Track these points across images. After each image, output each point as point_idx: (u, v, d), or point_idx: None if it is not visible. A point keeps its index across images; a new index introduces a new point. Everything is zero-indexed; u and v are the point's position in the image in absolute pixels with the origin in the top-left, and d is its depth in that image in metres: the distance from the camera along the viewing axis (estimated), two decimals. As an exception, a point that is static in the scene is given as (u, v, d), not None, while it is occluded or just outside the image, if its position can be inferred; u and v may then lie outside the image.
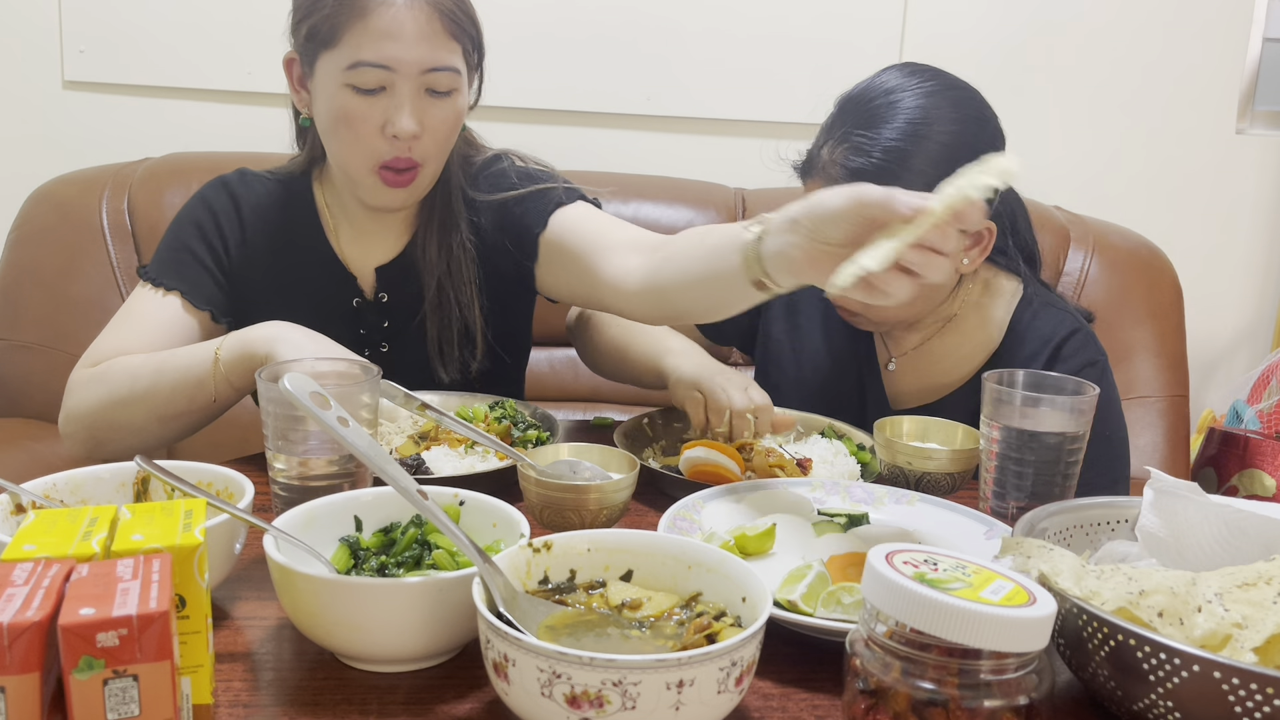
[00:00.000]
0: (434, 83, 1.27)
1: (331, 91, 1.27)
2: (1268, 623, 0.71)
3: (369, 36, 1.23)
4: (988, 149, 1.29)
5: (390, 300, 1.44)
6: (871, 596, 0.68)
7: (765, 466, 1.22)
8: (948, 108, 1.26)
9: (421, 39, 1.24)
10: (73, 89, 2.31)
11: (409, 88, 1.26)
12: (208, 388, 1.21)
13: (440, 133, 1.31)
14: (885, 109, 1.25)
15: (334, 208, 1.44)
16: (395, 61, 1.24)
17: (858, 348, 1.49)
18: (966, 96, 1.29)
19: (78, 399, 1.26)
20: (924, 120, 1.24)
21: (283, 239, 1.42)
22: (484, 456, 1.21)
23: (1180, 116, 2.54)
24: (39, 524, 0.70)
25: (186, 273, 1.36)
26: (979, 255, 1.34)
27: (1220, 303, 2.66)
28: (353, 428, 0.83)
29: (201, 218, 1.40)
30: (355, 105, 1.26)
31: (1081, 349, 1.38)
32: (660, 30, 2.38)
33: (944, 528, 1.07)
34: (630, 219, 2.16)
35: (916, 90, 1.26)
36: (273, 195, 1.44)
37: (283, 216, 1.43)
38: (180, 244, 1.39)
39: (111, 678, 0.56)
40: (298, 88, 1.35)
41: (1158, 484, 0.92)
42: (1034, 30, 2.47)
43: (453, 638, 0.79)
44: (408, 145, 1.28)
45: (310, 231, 1.44)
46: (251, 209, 1.42)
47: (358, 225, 1.44)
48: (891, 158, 1.23)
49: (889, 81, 1.28)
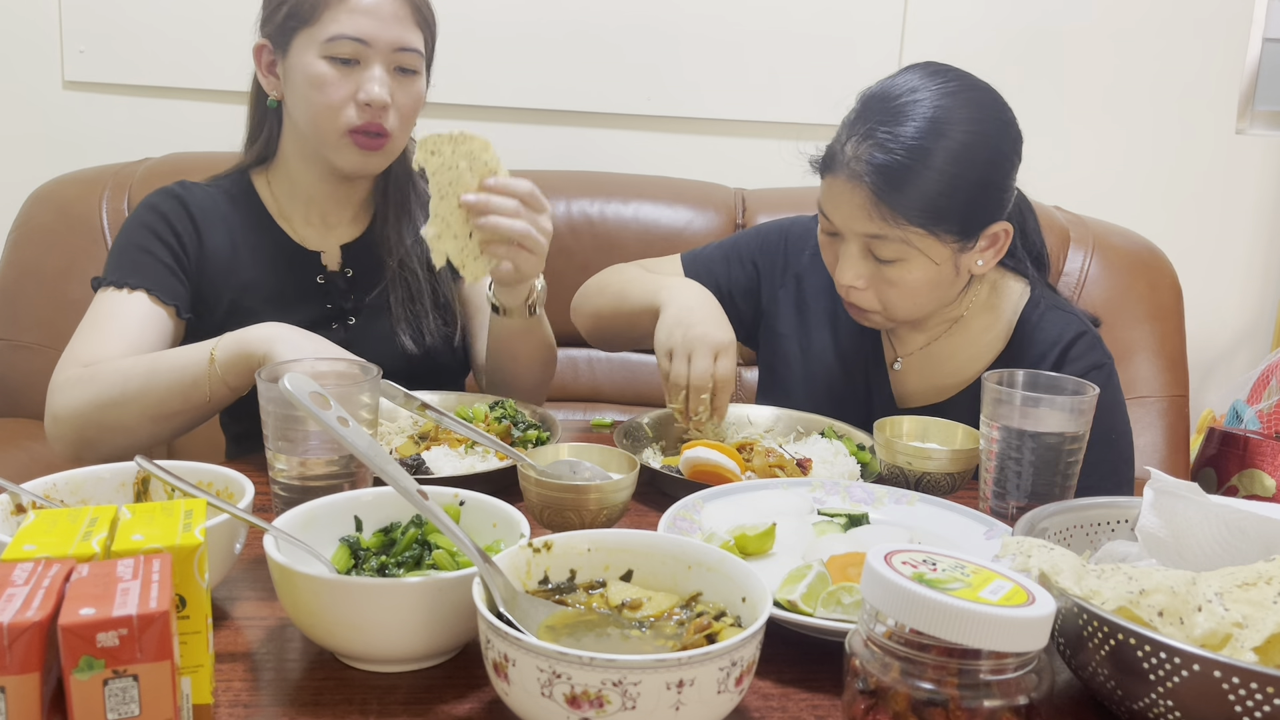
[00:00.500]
0: (403, 61, 1.39)
1: (308, 62, 1.36)
2: (1268, 622, 0.71)
3: (347, 12, 1.35)
4: (1009, 149, 1.29)
5: (355, 275, 1.51)
6: (871, 597, 0.68)
7: (765, 466, 1.22)
8: (970, 108, 1.26)
9: (395, 20, 1.37)
10: (73, 89, 2.31)
11: (381, 61, 1.37)
12: (202, 388, 1.22)
13: (406, 108, 1.41)
14: (909, 106, 1.25)
15: (284, 198, 1.51)
16: (370, 37, 1.35)
17: (864, 347, 1.49)
18: (989, 98, 1.30)
19: (64, 401, 1.27)
20: (947, 118, 1.24)
21: (236, 233, 1.46)
22: (484, 456, 1.21)
23: (1180, 116, 2.55)
24: (39, 524, 0.70)
25: (147, 271, 1.38)
26: (994, 256, 1.33)
27: (1220, 303, 2.66)
28: (353, 428, 0.83)
29: (152, 221, 1.43)
30: (330, 74, 1.36)
31: (1089, 351, 1.38)
32: (660, 30, 2.39)
33: (944, 528, 1.07)
34: (630, 219, 2.19)
35: (939, 89, 1.26)
36: (216, 198, 1.48)
37: (232, 214, 1.47)
38: (135, 246, 1.41)
39: (111, 678, 0.56)
40: (266, 73, 1.44)
41: (1158, 484, 0.92)
42: (1034, 31, 2.47)
43: (453, 638, 0.79)
44: (377, 114, 1.37)
45: (262, 223, 1.49)
46: (199, 209, 1.45)
47: (315, 207, 1.50)
48: (915, 155, 1.23)
49: (911, 80, 1.28)
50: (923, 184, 1.23)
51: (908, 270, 1.28)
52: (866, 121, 1.27)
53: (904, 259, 1.28)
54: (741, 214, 2.19)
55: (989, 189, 1.28)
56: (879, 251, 1.28)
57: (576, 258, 2.10)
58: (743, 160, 2.44)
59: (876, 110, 1.27)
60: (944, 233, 1.26)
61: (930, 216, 1.24)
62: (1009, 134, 1.29)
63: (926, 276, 1.29)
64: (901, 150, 1.23)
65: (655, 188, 2.21)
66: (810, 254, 1.52)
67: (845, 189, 1.27)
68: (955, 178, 1.24)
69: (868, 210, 1.25)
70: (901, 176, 1.23)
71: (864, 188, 1.24)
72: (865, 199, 1.25)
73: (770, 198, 2.21)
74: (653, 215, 2.15)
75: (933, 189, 1.23)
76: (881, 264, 1.29)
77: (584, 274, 2.09)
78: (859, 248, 1.30)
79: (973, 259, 1.32)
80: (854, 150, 1.26)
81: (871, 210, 1.25)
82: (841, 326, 1.49)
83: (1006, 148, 1.29)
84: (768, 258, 1.55)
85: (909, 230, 1.25)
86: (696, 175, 2.31)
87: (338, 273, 1.50)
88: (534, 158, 2.29)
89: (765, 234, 1.57)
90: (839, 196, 1.28)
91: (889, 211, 1.24)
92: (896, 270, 1.28)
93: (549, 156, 2.37)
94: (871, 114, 1.27)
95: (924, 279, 1.29)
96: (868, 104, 1.29)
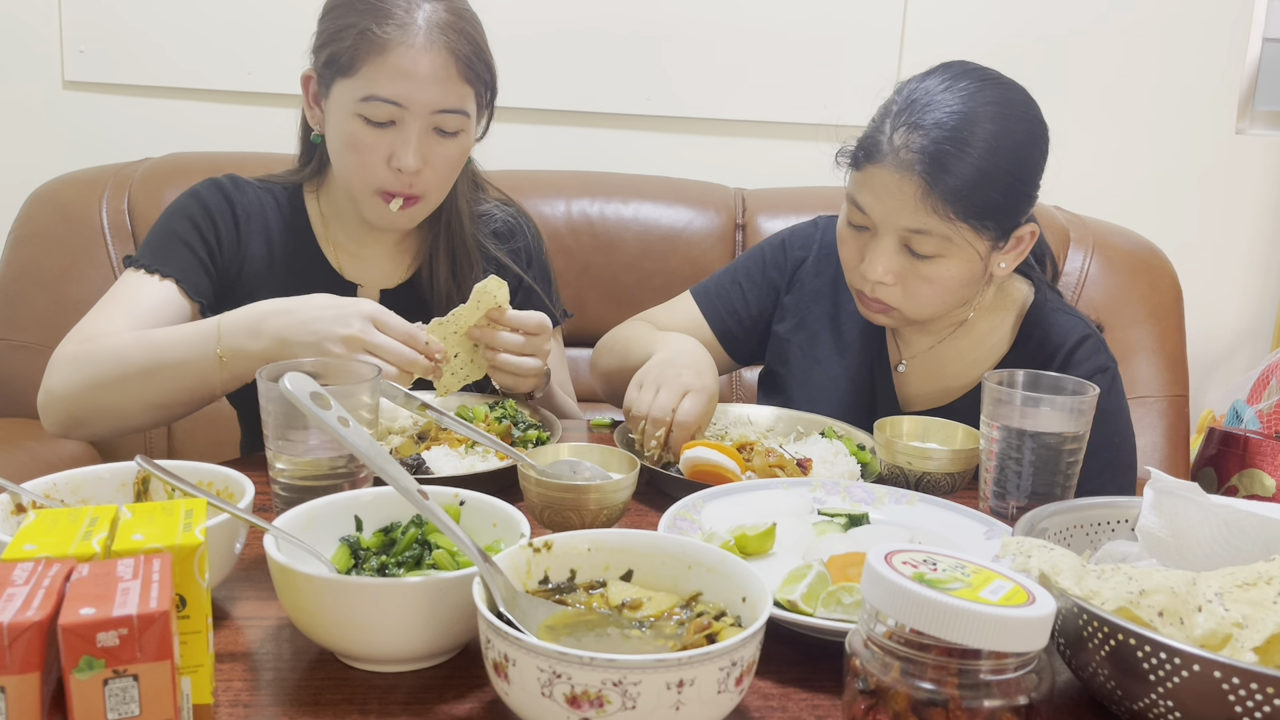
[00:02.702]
0: (442, 123, 1.32)
1: (343, 117, 1.31)
2: (1268, 622, 0.71)
3: (385, 73, 1.27)
4: (1045, 148, 1.28)
5: None
6: (871, 597, 0.68)
7: (765, 466, 1.22)
8: (1016, 105, 1.27)
9: (435, 81, 1.29)
10: (73, 89, 2.31)
11: (417, 125, 1.30)
12: (209, 384, 1.21)
13: (443, 168, 1.36)
14: (957, 100, 1.23)
15: (331, 219, 1.47)
16: (407, 100, 1.28)
17: (868, 349, 1.48)
18: (1026, 97, 1.30)
19: (60, 378, 1.25)
20: (997, 114, 1.23)
21: (276, 245, 1.44)
22: (484, 456, 1.21)
23: (1180, 116, 2.54)
24: (39, 524, 0.70)
25: (180, 262, 1.36)
26: (1015, 259, 1.32)
27: (1220, 303, 2.66)
28: (353, 428, 0.83)
29: (196, 212, 1.41)
30: (364, 135, 1.30)
31: (1094, 355, 1.37)
32: (660, 31, 2.38)
33: (944, 528, 1.07)
34: (630, 219, 2.19)
35: (982, 84, 1.26)
36: (264, 202, 1.46)
37: (277, 224, 1.45)
38: (173, 234, 1.39)
39: (112, 677, 0.56)
40: (312, 104, 1.39)
41: (1158, 484, 0.92)
42: (1034, 31, 2.47)
43: (453, 638, 0.79)
44: (409, 180, 1.33)
45: (303, 240, 1.46)
46: (244, 211, 1.43)
47: (356, 240, 1.47)
48: (970, 147, 1.21)
49: (953, 75, 1.27)
50: (981, 180, 1.21)
51: (944, 267, 1.26)
52: (914, 112, 1.24)
53: (943, 255, 1.25)
54: (741, 214, 2.18)
55: (1028, 186, 1.27)
56: (918, 246, 1.25)
57: (576, 258, 2.10)
58: (743, 160, 2.44)
59: (923, 102, 1.25)
60: (987, 229, 1.24)
61: (979, 211, 1.22)
62: (1045, 132, 1.29)
63: (960, 274, 1.27)
64: (956, 142, 1.21)
65: (655, 188, 2.21)
66: (812, 259, 1.52)
67: (892, 179, 1.23)
68: (1008, 174, 1.23)
69: (917, 201, 1.22)
70: (961, 171, 1.20)
71: (915, 178, 1.21)
72: (916, 190, 1.21)
73: (770, 198, 2.21)
74: (653, 215, 2.15)
75: (989, 185, 1.21)
76: (917, 259, 1.26)
77: (584, 274, 2.11)
78: (895, 242, 1.26)
79: (999, 260, 1.31)
80: (904, 140, 1.23)
81: (921, 202, 1.21)
82: (844, 329, 1.49)
83: (1045, 148, 1.29)
84: (776, 269, 1.54)
85: (957, 225, 1.22)
86: (696, 175, 2.31)
87: None
88: (534, 157, 2.29)
89: (766, 249, 1.56)
90: (883, 187, 1.24)
91: (940, 204, 1.21)
92: (933, 266, 1.26)
93: (549, 156, 2.37)
94: (918, 105, 1.24)
95: (957, 276, 1.27)
96: (914, 96, 1.26)
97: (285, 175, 1.49)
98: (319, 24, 1.35)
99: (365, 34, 1.27)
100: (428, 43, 1.28)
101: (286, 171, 1.50)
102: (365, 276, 1.48)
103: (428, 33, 1.28)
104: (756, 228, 2.14)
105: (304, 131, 1.47)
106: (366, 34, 1.27)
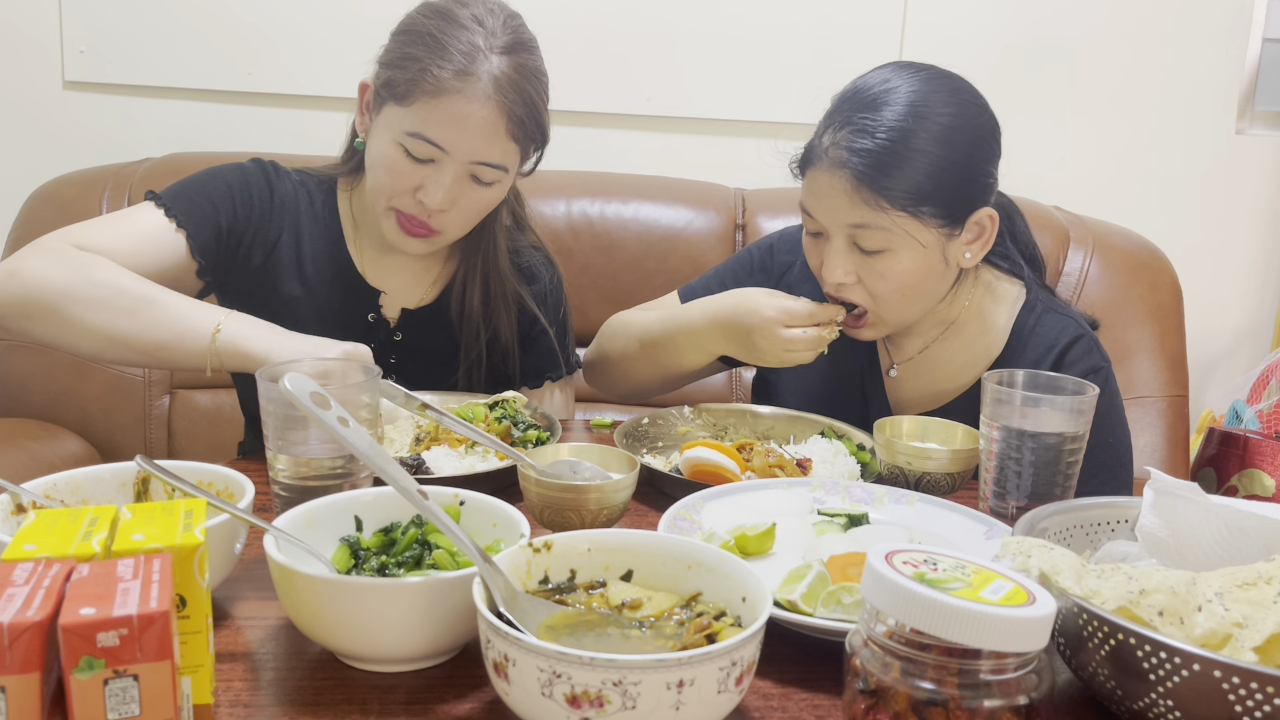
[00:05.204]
0: (479, 173, 1.33)
1: (387, 141, 1.32)
2: (1268, 622, 0.71)
3: (436, 115, 1.27)
4: (987, 134, 1.29)
5: (405, 340, 1.49)
6: (871, 596, 0.68)
7: (765, 466, 1.22)
8: (946, 93, 1.27)
9: (482, 135, 1.29)
10: (73, 89, 2.31)
11: (454, 170, 1.31)
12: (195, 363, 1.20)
13: (468, 212, 1.37)
14: (885, 94, 1.26)
15: (360, 222, 1.48)
16: (450, 145, 1.29)
17: (859, 355, 1.48)
18: (963, 85, 1.31)
19: (35, 266, 1.21)
20: (924, 102, 1.25)
21: (304, 238, 1.45)
22: (484, 456, 1.21)
23: (1180, 117, 2.54)
24: (39, 524, 0.70)
25: (199, 218, 1.36)
26: (981, 248, 1.33)
27: (1220, 303, 2.66)
28: (353, 428, 0.83)
29: (235, 183, 1.41)
30: (402, 164, 1.31)
31: (1086, 355, 1.37)
32: (660, 31, 2.38)
33: (944, 528, 1.07)
34: (630, 219, 2.19)
35: (914, 78, 1.28)
36: (298, 196, 1.46)
37: (308, 219, 1.46)
38: (205, 192, 1.39)
39: (112, 677, 0.56)
40: (364, 111, 1.39)
41: (1158, 484, 0.92)
42: (1034, 31, 2.47)
43: (453, 638, 0.79)
44: (430, 213, 1.33)
45: (331, 237, 1.47)
46: (280, 200, 1.44)
47: (381, 246, 1.47)
48: (895, 136, 1.23)
49: (885, 74, 1.29)
50: (904, 165, 1.23)
51: (895, 260, 1.27)
52: (843, 113, 1.28)
53: (890, 248, 1.27)
54: (741, 214, 2.18)
55: (971, 172, 1.28)
56: (864, 242, 1.27)
57: (576, 258, 2.10)
58: (743, 160, 2.44)
59: (852, 102, 1.28)
60: (928, 216, 1.25)
61: (913, 198, 1.24)
62: (986, 119, 1.30)
63: (914, 266, 1.28)
64: (882, 132, 1.23)
65: (655, 188, 2.21)
66: (800, 265, 1.52)
67: (826, 179, 1.27)
68: (937, 158, 1.24)
69: (850, 197, 1.25)
70: (882, 158, 1.23)
71: (845, 174, 1.24)
72: (847, 185, 1.24)
73: (770, 198, 2.21)
74: (653, 215, 2.15)
75: (914, 170, 1.23)
76: (868, 256, 1.28)
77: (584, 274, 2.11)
78: (844, 241, 1.29)
79: (960, 250, 1.31)
80: (832, 139, 1.27)
81: (854, 196, 1.24)
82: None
83: (985, 132, 1.29)
84: (764, 273, 1.55)
85: (893, 215, 1.24)
86: (696, 175, 2.31)
87: (390, 326, 1.48)
88: (534, 158, 2.29)
89: (754, 253, 1.58)
90: (820, 189, 1.28)
91: (871, 195, 1.23)
92: (884, 261, 1.28)
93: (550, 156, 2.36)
94: (848, 106, 1.28)
95: (912, 268, 1.28)
96: (844, 98, 1.30)
97: (324, 169, 1.50)
98: (390, 38, 1.34)
99: (426, 73, 1.26)
100: (484, 97, 1.27)
101: (326, 165, 1.50)
102: (387, 284, 1.48)
103: (486, 87, 1.27)
104: (756, 228, 2.14)
105: (352, 134, 1.47)
106: (427, 73, 1.26)
